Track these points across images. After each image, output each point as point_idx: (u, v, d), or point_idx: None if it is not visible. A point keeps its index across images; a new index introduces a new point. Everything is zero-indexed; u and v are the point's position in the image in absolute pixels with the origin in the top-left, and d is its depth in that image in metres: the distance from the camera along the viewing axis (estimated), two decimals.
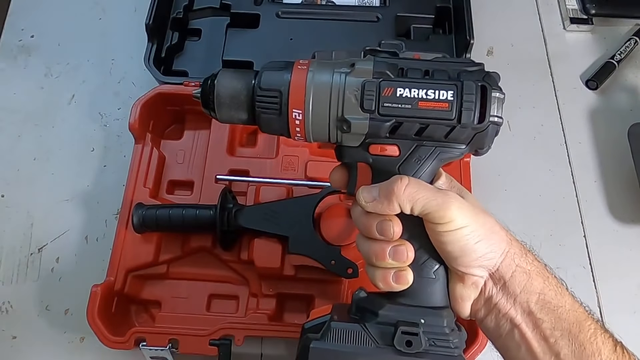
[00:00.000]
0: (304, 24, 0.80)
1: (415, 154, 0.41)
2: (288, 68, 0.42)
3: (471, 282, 0.41)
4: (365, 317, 0.43)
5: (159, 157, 0.70)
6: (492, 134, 0.41)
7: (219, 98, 0.43)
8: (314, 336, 0.42)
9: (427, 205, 0.39)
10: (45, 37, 0.85)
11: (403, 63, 0.41)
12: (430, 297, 0.42)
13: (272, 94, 0.41)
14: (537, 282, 0.41)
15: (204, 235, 0.65)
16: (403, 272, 0.41)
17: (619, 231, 0.74)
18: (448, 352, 0.41)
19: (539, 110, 0.81)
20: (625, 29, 0.88)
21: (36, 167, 0.75)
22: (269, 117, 0.42)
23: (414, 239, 0.42)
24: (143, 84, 0.79)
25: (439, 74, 0.40)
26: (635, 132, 0.74)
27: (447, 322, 0.41)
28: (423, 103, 0.39)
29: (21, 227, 0.71)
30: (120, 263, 0.63)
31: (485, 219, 0.41)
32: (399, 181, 0.40)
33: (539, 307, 0.40)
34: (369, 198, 0.41)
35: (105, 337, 0.58)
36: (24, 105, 0.80)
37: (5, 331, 0.66)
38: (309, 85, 0.41)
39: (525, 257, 0.41)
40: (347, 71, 0.41)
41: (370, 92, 0.40)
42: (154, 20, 0.75)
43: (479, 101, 0.39)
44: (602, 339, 0.39)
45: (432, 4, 0.82)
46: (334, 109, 0.41)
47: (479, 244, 0.40)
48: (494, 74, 0.41)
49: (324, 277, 0.62)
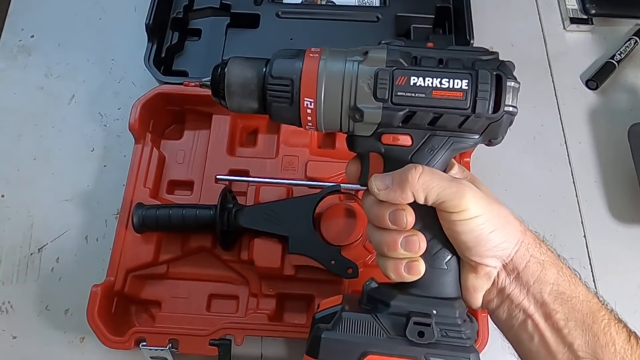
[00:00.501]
0: (304, 24, 0.80)
1: (428, 144, 0.41)
2: (300, 56, 0.41)
3: (484, 272, 0.41)
4: (376, 307, 0.42)
5: (159, 157, 0.70)
6: (507, 123, 0.40)
7: (230, 86, 0.42)
8: (325, 326, 0.42)
9: (442, 194, 0.39)
10: (45, 37, 0.85)
11: (417, 51, 0.40)
12: (442, 288, 0.42)
13: (284, 82, 0.41)
14: (550, 273, 0.40)
15: (204, 235, 0.65)
16: (415, 263, 0.40)
17: (619, 231, 0.74)
18: (460, 342, 0.40)
19: (539, 110, 0.81)
20: (625, 29, 0.88)
21: (36, 167, 0.75)
22: (280, 106, 0.41)
23: (426, 229, 0.41)
24: (143, 84, 0.79)
25: (453, 63, 0.40)
26: (635, 132, 0.74)
27: (459, 313, 0.41)
28: (437, 92, 0.39)
29: (21, 227, 0.71)
30: (120, 263, 0.63)
31: (499, 208, 0.41)
32: (413, 169, 0.39)
33: (553, 297, 0.40)
34: (382, 186, 0.41)
35: (105, 337, 0.58)
36: (24, 105, 0.80)
37: (5, 331, 0.66)
38: (321, 73, 0.40)
39: (540, 247, 0.41)
40: (360, 59, 0.40)
41: (383, 80, 0.39)
42: (154, 20, 0.75)
43: (493, 90, 0.39)
44: (615, 329, 0.39)
45: (432, 4, 0.82)
46: (346, 97, 0.40)
47: (493, 233, 0.39)
48: (508, 62, 0.41)
49: (324, 277, 0.62)
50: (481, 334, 0.58)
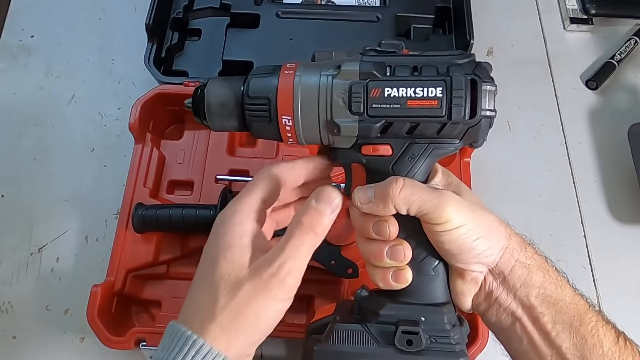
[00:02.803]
0: (304, 24, 0.80)
1: (408, 152, 0.41)
2: (275, 73, 0.41)
3: (471, 277, 0.42)
4: (367, 316, 0.43)
5: (159, 157, 0.70)
6: (486, 127, 0.40)
7: (210, 107, 0.43)
8: (317, 337, 0.43)
9: (423, 207, 0.39)
10: (45, 37, 0.85)
11: (390, 60, 0.40)
12: (430, 294, 0.42)
13: (261, 102, 0.41)
14: (536, 276, 0.41)
15: (204, 236, 0.64)
16: (402, 271, 0.41)
17: (619, 231, 0.74)
18: (449, 348, 0.41)
19: (539, 110, 0.81)
20: (625, 29, 0.88)
21: (36, 167, 0.75)
22: (260, 125, 0.42)
23: (411, 237, 0.42)
24: (143, 84, 0.79)
25: (427, 70, 0.39)
26: (635, 132, 0.74)
27: (447, 319, 0.42)
28: (412, 102, 0.39)
29: (21, 227, 0.71)
30: (120, 263, 0.63)
31: (483, 215, 0.41)
32: (394, 184, 0.39)
33: (539, 300, 0.40)
34: (364, 199, 0.41)
35: (105, 337, 0.58)
36: (24, 105, 0.80)
37: (5, 331, 0.66)
38: (296, 90, 0.40)
39: (525, 251, 0.42)
40: (334, 73, 0.40)
41: (357, 94, 0.39)
42: (154, 20, 0.75)
43: (469, 96, 0.38)
44: (603, 331, 0.40)
45: (432, 4, 0.82)
46: (322, 112, 0.40)
47: (477, 241, 0.40)
48: (485, 64, 0.40)
49: (324, 277, 0.62)
50: (481, 334, 0.58)
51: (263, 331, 0.38)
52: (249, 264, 0.38)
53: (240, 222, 0.40)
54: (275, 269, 0.37)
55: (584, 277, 0.70)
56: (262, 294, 0.37)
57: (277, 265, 0.37)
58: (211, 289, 0.37)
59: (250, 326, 0.37)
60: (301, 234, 0.38)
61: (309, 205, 0.39)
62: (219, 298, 0.37)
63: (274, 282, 0.36)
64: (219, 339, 0.36)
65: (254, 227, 0.40)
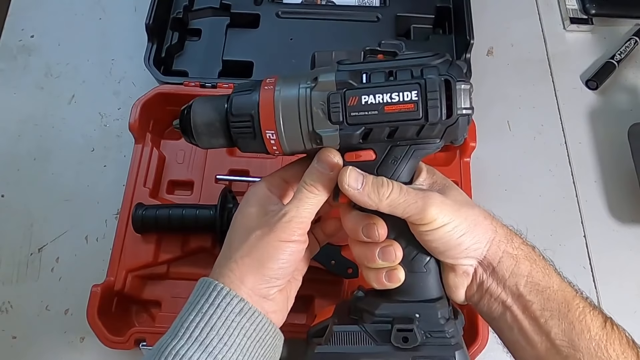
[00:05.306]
0: (304, 24, 0.80)
1: (391, 155, 0.42)
2: (256, 89, 0.42)
3: (462, 271, 0.43)
4: (363, 317, 0.45)
5: (159, 157, 0.70)
6: (464, 125, 0.41)
7: (196, 127, 0.44)
8: (318, 340, 0.44)
9: (407, 210, 0.40)
10: (45, 37, 0.85)
11: (366, 67, 0.41)
12: (424, 291, 0.44)
13: (244, 119, 0.42)
14: (524, 266, 0.42)
15: (204, 236, 0.65)
16: (394, 271, 0.43)
17: (619, 231, 0.74)
18: (444, 342, 0.43)
19: (539, 110, 0.81)
20: (625, 29, 0.88)
21: (36, 167, 0.75)
22: (246, 141, 0.43)
23: (401, 237, 0.43)
24: (143, 84, 0.79)
25: (402, 74, 0.40)
26: (635, 132, 0.74)
27: (441, 313, 0.43)
28: (389, 107, 0.40)
29: (21, 227, 0.71)
30: (120, 263, 0.63)
31: (468, 212, 0.42)
32: (380, 189, 0.41)
33: (528, 289, 0.42)
34: (353, 185, 0.42)
35: (105, 337, 0.58)
36: (24, 105, 0.80)
37: (5, 331, 0.66)
38: (277, 104, 0.41)
39: (512, 242, 0.43)
40: (312, 85, 0.41)
41: (335, 104, 0.40)
42: (154, 20, 0.75)
43: (444, 96, 0.40)
44: (590, 317, 0.41)
45: (432, 4, 0.82)
46: (304, 124, 0.41)
47: (462, 237, 0.41)
48: (459, 63, 0.41)
49: (324, 277, 0.62)
50: (481, 334, 0.58)
51: (272, 267, 0.42)
52: (262, 217, 0.44)
53: (260, 187, 0.46)
54: (280, 215, 0.42)
55: (584, 276, 0.70)
56: (269, 235, 0.42)
57: (282, 213, 0.42)
58: (230, 239, 0.44)
59: (259, 260, 0.42)
60: (305, 190, 0.43)
61: (311, 166, 0.43)
62: (234, 243, 0.43)
63: (278, 225, 0.42)
64: (234, 272, 0.42)
65: (268, 194, 0.46)
